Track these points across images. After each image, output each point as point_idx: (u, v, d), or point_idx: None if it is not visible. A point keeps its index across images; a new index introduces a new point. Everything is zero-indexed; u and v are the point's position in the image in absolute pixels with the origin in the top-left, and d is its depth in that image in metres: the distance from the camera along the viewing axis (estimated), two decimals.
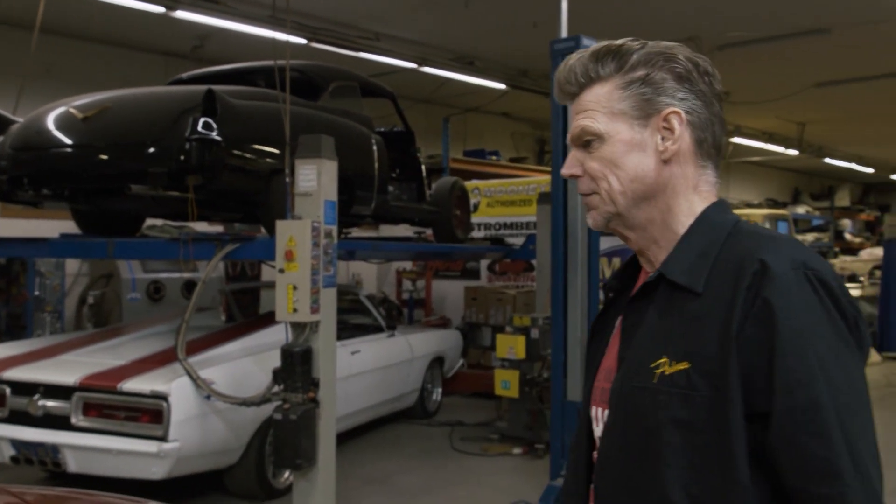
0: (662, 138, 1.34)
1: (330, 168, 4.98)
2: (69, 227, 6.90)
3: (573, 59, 1.40)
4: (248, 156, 5.38)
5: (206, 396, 4.93)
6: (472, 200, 10.06)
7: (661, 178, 1.35)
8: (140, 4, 7.82)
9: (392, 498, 5.88)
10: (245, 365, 5.48)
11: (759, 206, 19.24)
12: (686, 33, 9.27)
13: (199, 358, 5.28)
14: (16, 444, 5.03)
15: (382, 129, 7.53)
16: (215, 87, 5.21)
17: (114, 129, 5.29)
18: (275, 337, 5.48)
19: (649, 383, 1.27)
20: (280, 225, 4.89)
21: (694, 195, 1.37)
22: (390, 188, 7.43)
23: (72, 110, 5.44)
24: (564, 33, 5.64)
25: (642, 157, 1.35)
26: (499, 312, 9.59)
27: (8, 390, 5.16)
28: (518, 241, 9.09)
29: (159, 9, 7.90)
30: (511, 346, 7.46)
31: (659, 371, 1.26)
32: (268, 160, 5.43)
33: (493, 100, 12.49)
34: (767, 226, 15.61)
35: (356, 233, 8.66)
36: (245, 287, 8.10)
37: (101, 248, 5.88)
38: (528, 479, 6.36)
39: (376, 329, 7.59)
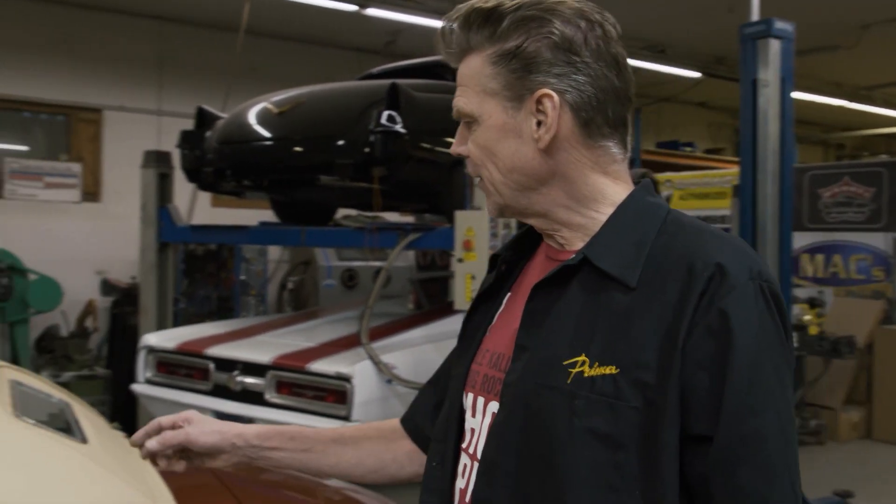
0: (538, 123, 1.15)
1: None
2: (271, 216, 7.39)
3: (451, 17, 1.20)
4: (430, 147, 5.55)
5: (388, 380, 5.13)
6: (664, 193, 9.82)
7: (546, 166, 1.16)
8: (334, 4, 8.23)
9: None
10: (426, 352, 5.64)
11: None
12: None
13: (382, 343, 5.50)
14: (218, 415, 5.44)
15: None
16: (399, 81, 5.41)
17: (306, 123, 5.61)
18: (456, 325, 5.61)
19: (562, 384, 1.08)
20: (459, 215, 5.02)
21: (599, 176, 1.18)
22: None
23: (269, 106, 5.82)
24: (756, 16, 5.40)
25: (519, 144, 1.16)
26: None
27: (212, 366, 5.58)
28: None
29: (352, 7, 8.28)
30: None
31: (575, 371, 1.08)
32: (449, 151, 5.57)
33: (687, 89, 12.12)
34: None
35: None
36: (433, 276, 8.33)
37: (294, 236, 6.26)
38: None
39: None
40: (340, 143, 5.35)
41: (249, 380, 5.39)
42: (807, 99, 12.56)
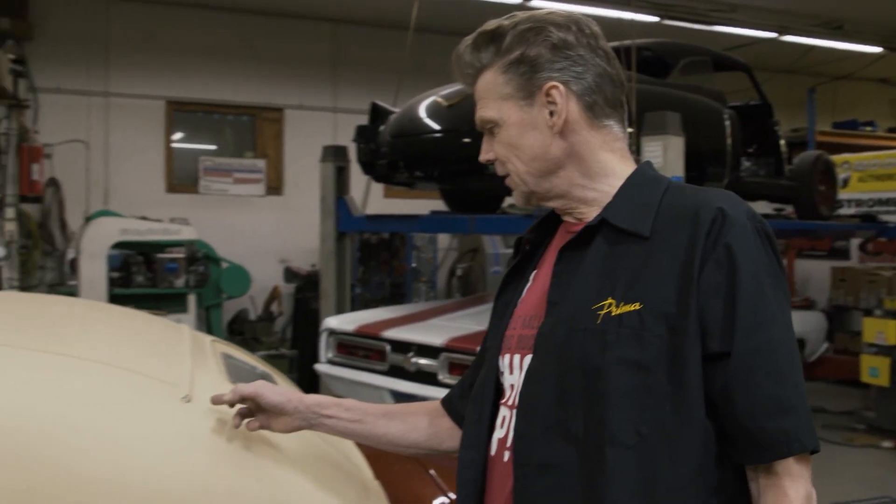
0: (550, 113, 1.33)
1: (676, 144, 4.97)
2: (442, 205, 7.59)
3: (461, 47, 1.40)
4: None
5: None
6: (841, 175, 9.34)
7: (562, 149, 1.35)
8: None
9: None
10: None
11: None
12: None
13: None
14: (394, 394, 5.67)
15: (737, 104, 7.29)
16: None
17: (474, 115, 5.73)
18: None
19: (592, 325, 1.25)
20: None
21: (606, 154, 1.37)
22: (745, 163, 7.19)
23: (438, 99, 5.98)
24: None
25: (536, 134, 1.35)
26: (871, 295, 8.83)
27: (388, 347, 5.82)
28: (895, 219, 8.32)
29: (516, 0, 8.35)
30: (880, 330, 6.92)
31: (603, 312, 1.24)
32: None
33: (866, 65, 11.41)
34: None
35: None
36: None
37: (463, 224, 6.42)
38: None
39: None
40: None
41: (424, 361, 5.57)
42: None
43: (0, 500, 1.31)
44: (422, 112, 6.08)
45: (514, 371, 1.38)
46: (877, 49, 10.74)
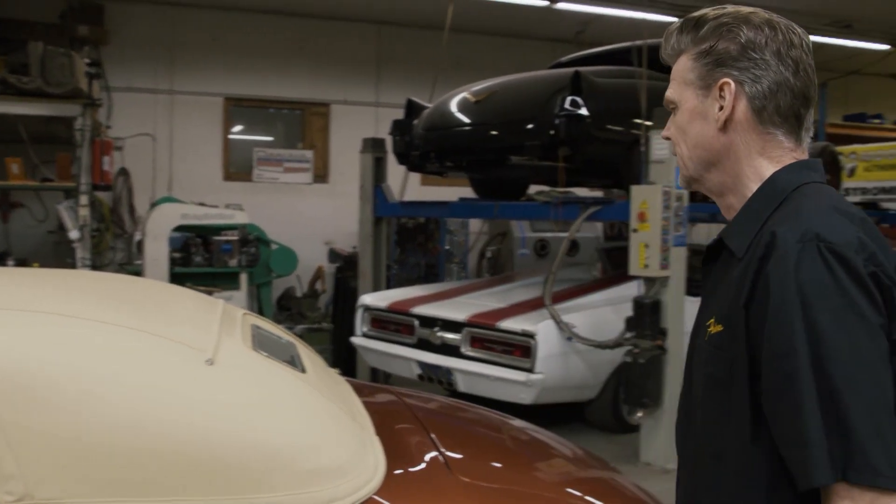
0: (720, 107, 1.29)
1: None
2: (471, 193, 7.65)
3: (672, 27, 1.36)
4: (610, 128, 5.57)
5: (568, 338, 5.26)
6: (848, 165, 9.21)
7: (721, 144, 1.30)
8: (528, 0, 8.34)
9: None
10: (604, 313, 5.71)
11: None
12: None
13: (564, 305, 5.62)
14: (421, 365, 5.79)
15: None
16: (582, 69, 5.46)
17: (499, 110, 5.79)
18: (631, 290, 5.63)
19: (701, 341, 1.29)
20: (634, 189, 5.03)
21: (761, 160, 1.29)
22: None
23: (467, 95, 6.05)
24: None
25: (704, 124, 1.31)
26: None
27: (416, 322, 5.93)
28: None
29: (544, 3, 8.33)
30: None
31: (708, 331, 1.27)
32: (628, 132, 5.57)
33: (876, 61, 11.18)
34: None
35: None
36: (617, 246, 8.31)
37: (488, 210, 6.48)
38: None
39: None
40: (529, 126, 5.50)
41: (448, 335, 5.68)
42: None
43: (31, 437, 1.44)
44: (452, 107, 6.16)
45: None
46: (884, 47, 10.52)
